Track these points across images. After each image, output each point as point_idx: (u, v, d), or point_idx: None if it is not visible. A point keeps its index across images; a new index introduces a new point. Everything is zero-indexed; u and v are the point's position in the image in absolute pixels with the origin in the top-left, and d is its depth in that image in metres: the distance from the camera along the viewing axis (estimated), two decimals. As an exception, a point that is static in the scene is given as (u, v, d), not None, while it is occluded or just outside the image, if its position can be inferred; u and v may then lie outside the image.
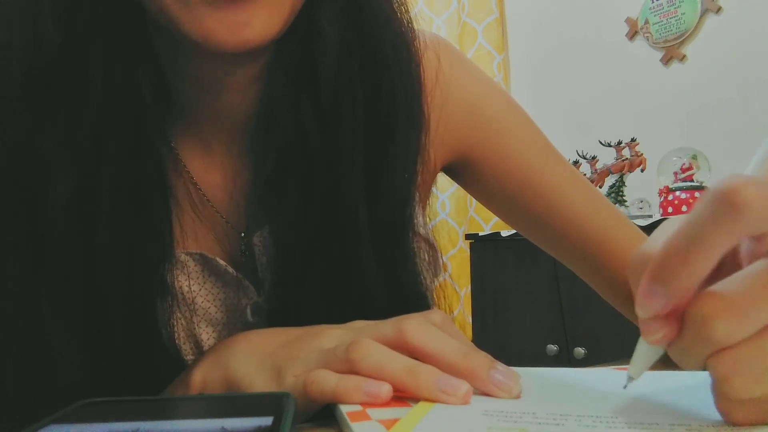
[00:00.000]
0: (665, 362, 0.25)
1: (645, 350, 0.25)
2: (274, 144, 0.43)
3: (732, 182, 0.21)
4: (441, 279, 0.51)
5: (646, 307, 0.23)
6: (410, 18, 0.45)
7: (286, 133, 0.42)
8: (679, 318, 0.23)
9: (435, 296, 0.50)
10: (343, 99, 0.41)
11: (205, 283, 0.45)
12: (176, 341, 0.42)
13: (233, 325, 0.46)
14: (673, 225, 0.24)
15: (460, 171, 0.55)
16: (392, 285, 0.44)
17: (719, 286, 0.22)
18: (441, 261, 0.50)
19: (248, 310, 0.45)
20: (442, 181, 0.57)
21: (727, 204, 0.21)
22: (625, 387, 0.25)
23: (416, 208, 0.47)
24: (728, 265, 0.24)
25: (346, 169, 0.42)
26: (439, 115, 0.49)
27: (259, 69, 0.42)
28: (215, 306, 0.46)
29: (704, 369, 0.23)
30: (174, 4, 0.34)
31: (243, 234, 0.46)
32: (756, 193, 0.20)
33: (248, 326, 0.45)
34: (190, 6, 0.33)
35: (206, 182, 0.45)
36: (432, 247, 0.51)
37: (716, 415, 0.25)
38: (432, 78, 0.49)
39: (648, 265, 0.23)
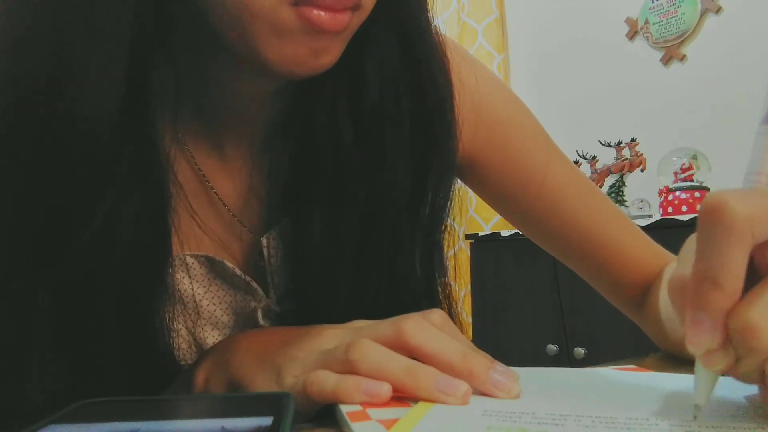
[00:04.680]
0: (664, 362, 0.25)
1: (705, 375, 0.24)
2: (293, 148, 0.43)
3: (714, 202, 0.22)
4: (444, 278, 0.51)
5: (697, 341, 0.23)
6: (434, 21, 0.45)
7: (315, 139, 0.41)
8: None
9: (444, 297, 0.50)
10: (389, 107, 0.41)
11: (210, 285, 0.45)
12: (176, 344, 0.41)
13: (241, 328, 0.46)
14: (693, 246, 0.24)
15: (464, 170, 0.55)
16: (427, 288, 0.45)
17: (751, 296, 0.22)
18: (446, 261, 0.50)
19: (259, 314, 0.45)
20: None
21: (720, 226, 0.22)
22: (695, 417, 0.24)
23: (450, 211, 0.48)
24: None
25: (391, 175, 0.41)
26: None
27: (287, 80, 0.41)
28: (221, 309, 0.45)
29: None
30: (268, 35, 0.32)
31: (259, 236, 0.45)
32: (741, 209, 0.21)
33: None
34: (287, 36, 0.32)
35: (219, 183, 0.45)
36: (440, 247, 0.51)
37: (716, 416, 0.25)
38: None
39: (686, 290, 0.24)
